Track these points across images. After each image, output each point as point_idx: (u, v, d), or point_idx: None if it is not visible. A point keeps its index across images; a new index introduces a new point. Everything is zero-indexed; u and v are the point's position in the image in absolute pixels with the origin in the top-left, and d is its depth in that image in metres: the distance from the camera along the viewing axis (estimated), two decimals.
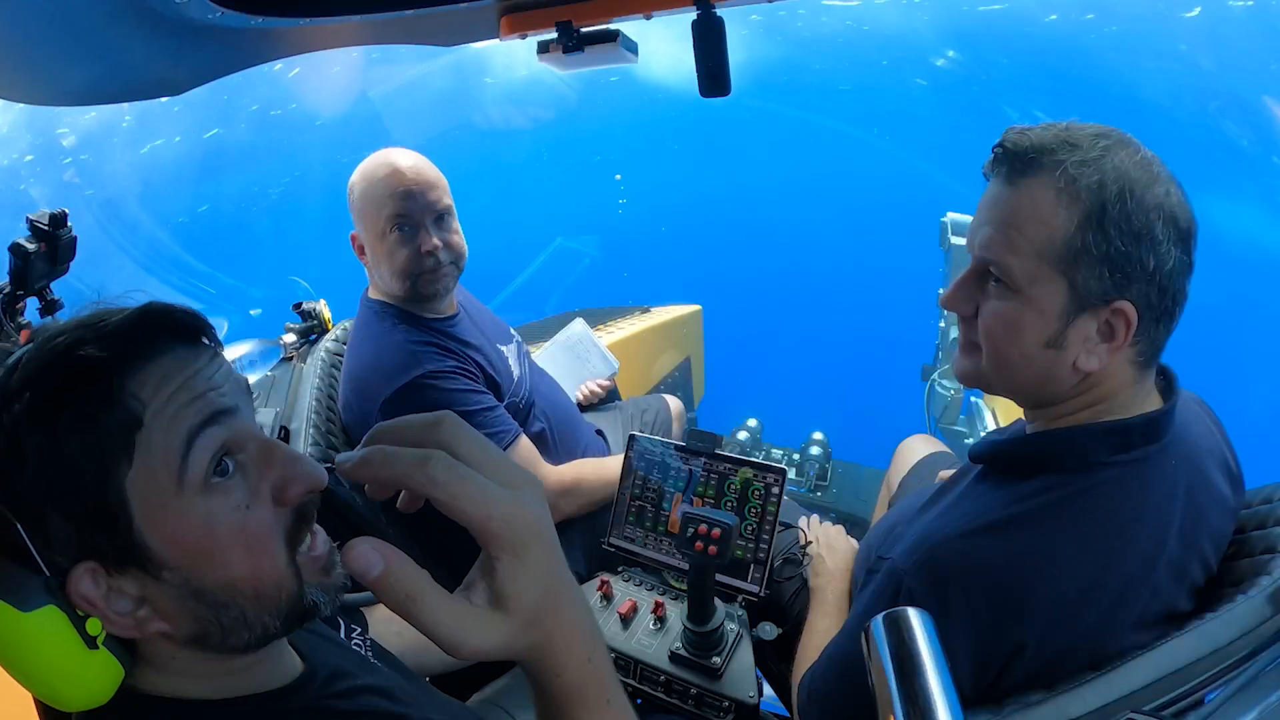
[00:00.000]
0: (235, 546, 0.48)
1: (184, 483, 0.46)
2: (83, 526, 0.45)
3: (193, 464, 0.47)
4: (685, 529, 1.00)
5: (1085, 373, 0.73)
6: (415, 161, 1.31)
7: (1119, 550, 0.70)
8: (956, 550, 0.73)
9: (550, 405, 1.56)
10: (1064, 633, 0.69)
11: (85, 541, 0.46)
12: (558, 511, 1.40)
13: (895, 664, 0.51)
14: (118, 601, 0.47)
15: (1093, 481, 0.72)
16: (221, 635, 0.50)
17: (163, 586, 0.47)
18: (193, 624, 0.49)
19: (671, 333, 3.00)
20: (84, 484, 0.44)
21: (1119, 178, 0.67)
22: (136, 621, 0.48)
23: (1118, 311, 0.69)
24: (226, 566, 0.48)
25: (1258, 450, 1.15)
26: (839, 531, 1.31)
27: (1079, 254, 0.68)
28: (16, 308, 1.24)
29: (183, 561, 0.47)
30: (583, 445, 1.59)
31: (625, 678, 1.15)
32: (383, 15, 1.01)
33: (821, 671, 0.90)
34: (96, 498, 0.45)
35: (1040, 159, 0.69)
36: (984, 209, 0.75)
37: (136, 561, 0.47)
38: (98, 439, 0.44)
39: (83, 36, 0.83)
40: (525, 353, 1.60)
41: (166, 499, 0.46)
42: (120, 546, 0.46)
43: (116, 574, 0.47)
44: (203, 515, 0.47)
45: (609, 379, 2.02)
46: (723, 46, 1.02)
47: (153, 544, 0.46)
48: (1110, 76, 10.16)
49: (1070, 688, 0.65)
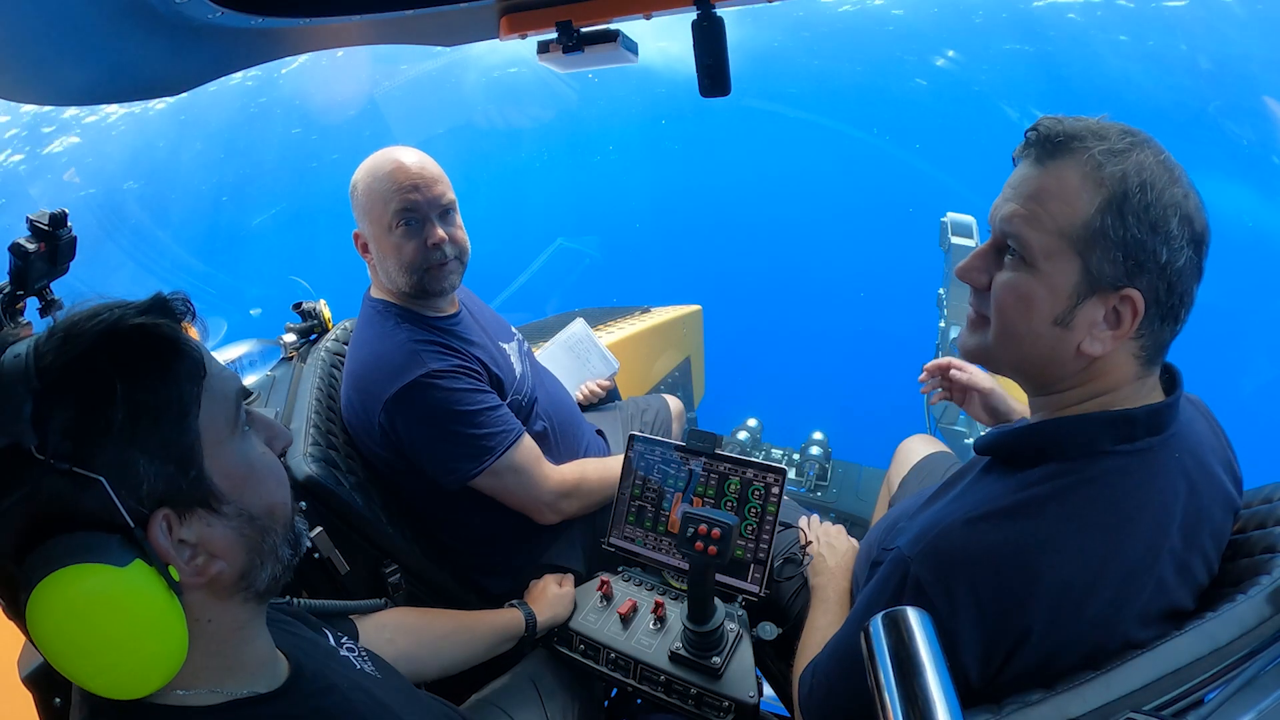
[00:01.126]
0: (269, 477, 0.60)
1: (235, 426, 0.57)
2: (165, 466, 0.51)
3: (239, 411, 0.58)
4: (685, 529, 1.00)
5: (1088, 358, 0.74)
6: (419, 157, 1.31)
7: (1123, 538, 0.71)
8: (962, 537, 0.74)
9: (552, 404, 1.56)
10: (1069, 620, 0.70)
11: (165, 483, 0.51)
12: (560, 512, 1.40)
13: (894, 664, 0.51)
14: (180, 550, 0.53)
15: (1097, 470, 0.73)
16: (260, 563, 0.58)
17: (221, 520, 0.55)
18: (244, 553, 0.57)
19: (671, 333, 3.00)
20: (166, 425, 0.52)
21: (1141, 171, 0.69)
22: (198, 567, 0.54)
23: (1126, 298, 0.71)
24: (268, 492, 0.59)
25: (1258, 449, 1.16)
26: (839, 531, 1.31)
27: (1096, 235, 0.70)
28: (17, 308, 1.23)
29: (237, 492, 0.56)
30: (584, 444, 1.59)
31: (625, 678, 1.15)
32: (383, 15, 1.02)
33: (824, 663, 0.91)
34: (176, 436, 0.52)
35: (1070, 144, 0.72)
36: (1010, 187, 0.77)
37: (203, 499, 0.54)
38: (178, 385, 0.52)
39: (83, 36, 0.83)
40: (527, 351, 1.60)
41: (224, 438, 0.56)
42: (193, 484, 0.53)
43: (183, 519, 0.53)
44: (246, 453, 0.58)
45: (609, 379, 2.02)
46: (723, 46, 1.02)
47: (216, 479, 0.55)
48: (1110, 76, 10.16)
49: (1070, 687, 0.64)
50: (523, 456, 1.33)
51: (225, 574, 0.56)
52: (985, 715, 0.63)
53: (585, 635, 1.20)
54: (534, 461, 1.35)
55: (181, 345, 0.53)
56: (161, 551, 0.51)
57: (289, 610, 0.79)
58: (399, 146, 1.32)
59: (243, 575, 0.57)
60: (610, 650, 1.17)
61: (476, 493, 1.32)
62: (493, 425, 1.29)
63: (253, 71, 1.15)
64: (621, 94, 12.69)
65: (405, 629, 1.03)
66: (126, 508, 0.49)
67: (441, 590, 1.39)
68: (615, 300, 3.10)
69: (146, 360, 0.51)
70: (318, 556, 1.15)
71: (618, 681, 1.16)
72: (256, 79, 12.08)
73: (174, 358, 0.53)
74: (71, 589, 0.46)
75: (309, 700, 0.63)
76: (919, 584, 0.73)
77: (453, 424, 1.26)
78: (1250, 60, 9.22)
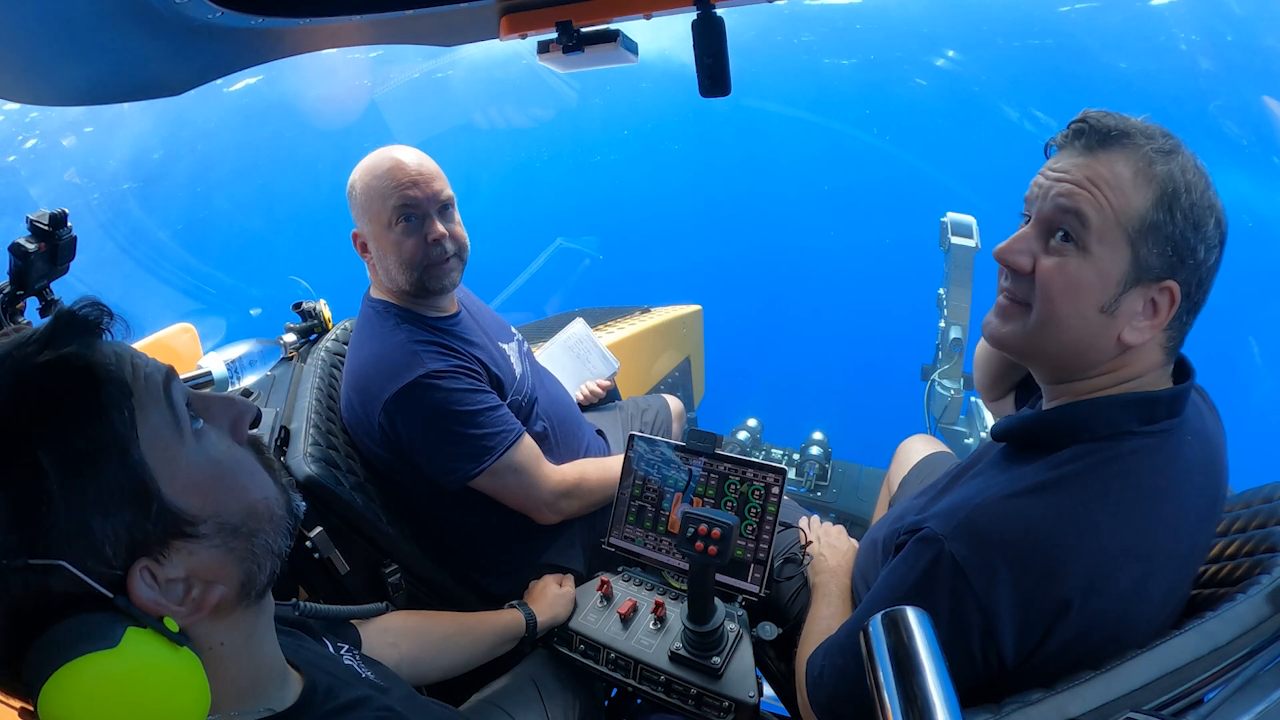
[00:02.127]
0: (240, 475, 0.54)
1: (181, 432, 0.51)
2: (121, 516, 0.47)
3: (179, 411, 0.51)
4: (685, 529, 1.00)
5: (1125, 346, 0.76)
6: (417, 155, 1.32)
7: (1151, 514, 0.74)
8: (1001, 511, 0.75)
9: (552, 404, 1.56)
10: (1104, 593, 0.71)
11: (129, 532, 0.47)
12: (560, 512, 1.40)
13: (894, 663, 0.51)
14: (171, 591, 0.50)
15: (1123, 449, 0.76)
16: (257, 569, 0.55)
17: (203, 543, 0.51)
18: (238, 566, 0.53)
19: (671, 333, 3.00)
20: (108, 472, 0.46)
21: (1185, 172, 0.73)
22: (196, 602, 0.51)
23: (1164, 290, 0.74)
24: (243, 492, 0.54)
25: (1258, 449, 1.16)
26: (840, 531, 1.31)
27: (1150, 229, 0.73)
28: (17, 308, 1.24)
29: (208, 506, 0.51)
30: (584, 444, 1.59)
31: (625, 678, 1.15)
32: (383, 15, 1.02)
33: (837, 648, 0.90)
34: (124, 478, 0.47)
35: (1120, 138, 0.75)
36: (1057, 170, 0.78)
37: (175, 530, 0.49)
38: (106, 419, 0.46)
39: (83, 36, 0.83)
40: (527, 351, 1.60)
41: (175, 453, 0.50)
42: (158, 520, 0.48)
43: (162, 560, 0.49)
44: (206, 457, 0.52)
45: (609, 379, 2.02)
46: (723, 46, 1.02)
47: (180, 502, 0.50)
48: (1110, 76, 10.16)
49: (1070, 686, 0.64)
50: (523, 456, 1.32)
51: (226, 595, 0.53)
52: (985, 715, 0.63)
53: (585, 635, 1.20)
54: (534, 461, 1.35)
55: (98, 371, 0.47)
56: (150, 607, 0.48)
57: (291, 620, 0.78)
58: (396, 146, 1.32)
59: (242, 587, 0.54)
60: (610, 650, 1.17)
61: (476, 493, 1.32)
62: (492, 425, 1.29)
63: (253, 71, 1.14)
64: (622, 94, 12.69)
65: (408, 632, 1.03)
66: (99, 578, 0.45)
67: (441, 590, 1.39)
68: (615, 300, 3.10)
69: (64, 407, 0.45)
70: (318, 556, 1.15)
71: (618, 681, 1.16)
72: (257, 79, 12.07)
73: (94, 389, 0.46)
74: (72, 690, 0.43)
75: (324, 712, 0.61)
76: (955, 562, 0.74)
77: (452, 424, 1.26)
78: (1250, 60, 9.22)
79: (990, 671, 0.74)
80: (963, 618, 0.73)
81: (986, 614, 0.71)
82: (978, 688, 0.75)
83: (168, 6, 0.81)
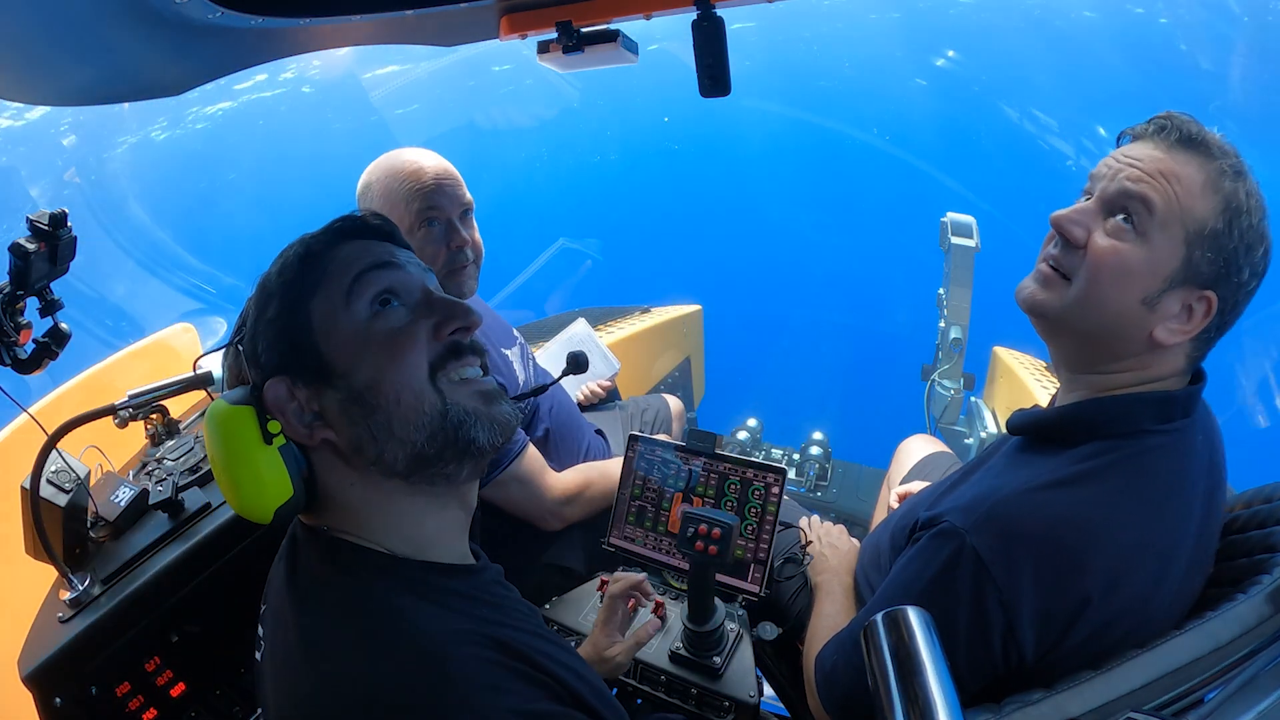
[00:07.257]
0: (382, 351, 0.63)
1: (350, 307, 0.63)
2: (279, 344, 0.63)
3: (356, 294, 0.64)
4: (685, 529, 1.00)
5: (1154, 345, 0.77)
6: (436, 158, 1.30)
7: (1168, 511, 0.75)
8: (1024, 505, 0.75)
9: (553, 407, 1.55)
10: (1123, 588, 0.71)
11: (279, 357, 0.63)
12: (564, 519, 1.39)
13: (895, 663, 0.51)
14: (297, 411, 0.62)
15: (1142, 446, 0.77)
16: (374, 443, 0.62)
17: (333, 393, 0.62)
18: (349, 428, 0.62)
19: (671, 333, 3.00)
20: (282, 310, 0.63)
21: (1249, 197, 0.75)
22: (309, 429, 0.62)
23: (1204, 299, 0.75)
24: (375, 368, 0.62)
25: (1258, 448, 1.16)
26: (841, 531, 1.31)
27: (1209, 236, 0.74)
28: (17, 308, 1.23)
29: (345, 365, 0.62)
30: (584, 445, 1.59)
31: (626, 677, 1.15)
32: (383, 15, 1.01)
33: (851, 641, 0.90)
34: (289, 318, 0.63)
35: (1201, 145, 0.76)
36: (1130, 156, 0.78)
37: (316, 370, 0.62)
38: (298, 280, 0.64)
39: (83, 36, 0.83)
40: (529, 355, 1.59)
41: (338, 316, 0.63)
42: (307, 358, 0.62)
43: (302, 387, 0.63)
44: (362, 329, 0.63)
45: (610, 379, 2.02)
46: (723, 46, 1.02)
47: (326, 353, 0.62)
48: (1110, 76, 10.15)
49: (1070, 686, 0.64)
50: (528, 467, 1.32)
51: (337, 442, 0.63)
52: (985, 715, 0.63)
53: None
54: (538, 472, 1.35)
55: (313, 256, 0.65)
56: (270, 405, 0.62)
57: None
58: (412, 148, 1.31)
59: (357, 449, 0.62)
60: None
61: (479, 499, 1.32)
62: None
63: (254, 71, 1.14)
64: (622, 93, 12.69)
65: None
66: (251, 372, 0.64)
67: None
68: (616, 300, 3.10)
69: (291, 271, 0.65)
70: None
71: (618, 681, 1.16)
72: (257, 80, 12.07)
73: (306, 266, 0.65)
74: (211, 415, 0.63)
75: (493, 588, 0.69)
76: (977, 556, 0.74)
77: None
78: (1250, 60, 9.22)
79: (1009, 667, 0.74)
80: (984, 612, 0.73)
81: (1008, 608, 0.71)
82: (993, 685, 0.75)
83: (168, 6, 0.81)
